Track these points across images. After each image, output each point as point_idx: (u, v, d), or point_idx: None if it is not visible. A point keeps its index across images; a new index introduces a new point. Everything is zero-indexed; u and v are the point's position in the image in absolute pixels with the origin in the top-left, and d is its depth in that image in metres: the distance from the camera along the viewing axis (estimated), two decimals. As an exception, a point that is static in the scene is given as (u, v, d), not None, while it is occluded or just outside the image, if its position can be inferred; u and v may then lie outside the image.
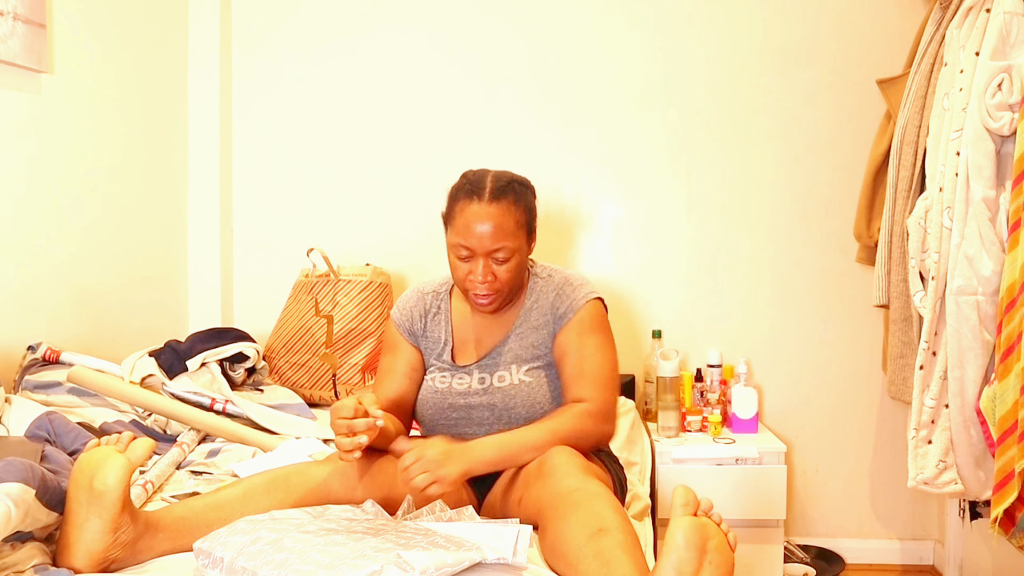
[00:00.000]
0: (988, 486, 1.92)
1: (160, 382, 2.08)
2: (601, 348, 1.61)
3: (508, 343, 1.63)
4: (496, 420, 1.60)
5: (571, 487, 1.32)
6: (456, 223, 1.55)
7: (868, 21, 2.68)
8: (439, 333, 1.68)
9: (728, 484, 2.39)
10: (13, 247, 2.05)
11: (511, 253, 1.55)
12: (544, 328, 1.63)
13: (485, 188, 1.54)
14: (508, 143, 2.79)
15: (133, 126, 2.53)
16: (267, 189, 2.88)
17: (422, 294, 1.73)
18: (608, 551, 1.16)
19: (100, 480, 1.20)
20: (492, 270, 1.55)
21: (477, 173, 1.60)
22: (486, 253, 1.53)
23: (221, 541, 1.16)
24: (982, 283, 1.84)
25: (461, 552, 1.09)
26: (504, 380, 1.61)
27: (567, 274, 1.68)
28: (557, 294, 1.63)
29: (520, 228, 1.56)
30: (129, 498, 1.23)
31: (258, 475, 1.43)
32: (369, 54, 2.82)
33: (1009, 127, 1.82)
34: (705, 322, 2.78)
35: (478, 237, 1.52)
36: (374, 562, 1.04)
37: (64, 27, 2.19)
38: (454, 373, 1.64)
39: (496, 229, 1.52)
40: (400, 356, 1.68)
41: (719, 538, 1.12)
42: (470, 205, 1.54)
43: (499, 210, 1.53)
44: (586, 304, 1.62)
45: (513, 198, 1.56)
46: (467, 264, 1.56)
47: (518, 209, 1.56)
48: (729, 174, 2.76)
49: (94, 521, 1.20)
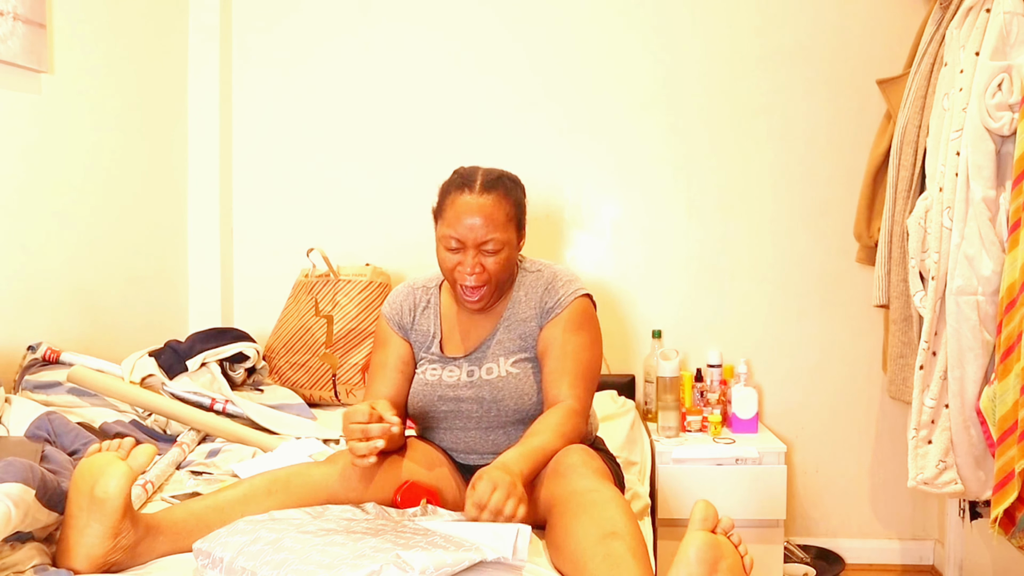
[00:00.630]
0: (988, 486, 1.92)
1: (160, 382, 2.07)
2: (585, 346, 1.61)
3: (496, 335, 1.63)
4: (485, 413, 1.60)
5: (586, 488, 1.31)
6: (446, 215, 1.57)
7: (868, 21, 2.68)
8: (428, 326, 1.68)
9: (728, 484, 2.39)
10: (13, 247, 2.05)
11: (500, 245, 1.56)
12: (532, 321, 1.63)
13: (476, 181, 1.56)
14: (508, 143, 2.79)
15: (133, 126, 2.53)
16: (267, 189, 2.88)
17: (412, 289, 1.73)
18: (618, 555, 1.16)
19: (101, 488, 1.20)
20: (481, 261, 1.55)
21: (468, 168, 1.62)
22: (476, 245, 1.54)
23: (221, 541, 1.16)
24: (982, 283, 1.84)
25: (460, 552, 1.09)
26: (492, 372, 1.61)
27: (556, 269, 1.68)
28: (546, 288, 1.63)
29: (510, 221, 1.57)
30: (130, 504, 1.23)
31: (259, 476, 1.43)
32: (369, 54, 2.82)
33: (1009, 127, 1.82)
34: (705, 322, 2.78)
35: (468, 227, 1.53)
36: (373, 562, 1.04)
37: (64, 27, 2.19)
38: (444, 365, 1.64)
39: (486, 220, 1.53)
40: (391, 351, 1.68)
41: (733, 559, 1.11)
42: (461, 196, 1.55)
43: (489, 202, 1.54)
44: (574, 300, 1.62)
45: (503, 191, 1.57)
46: (456, 256, 1.56)
47: (508, 202, 1.57)
48: (729, 174, 2.76)
49: (94, 527, 1.20)
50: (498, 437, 1.61)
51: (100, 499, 1.19)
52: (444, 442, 1.66)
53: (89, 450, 1.27)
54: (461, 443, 1.64)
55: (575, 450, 1.44)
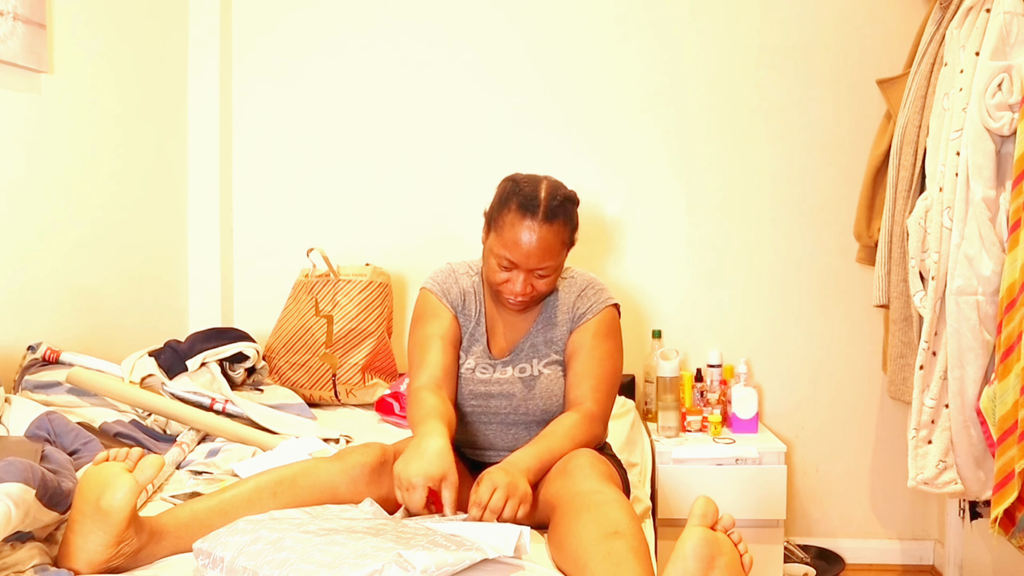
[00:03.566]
0: (988, 486, 1.92)
1: (160, 382, 2.07)
2: (611, 355, 1.63)
3: (530, 338, 1.66)
4: (513, 410, 1.62)
5: (591, 488, 1.32)
6: (504, 234, 1.53)
7: (868, 21, 2.68)
8: (472, 314, 1.68)
9: (728, 484, 2.39)
10: (13, 247, 2.05)
11: (553, 271, 1.57)
12: (564, 325, 1.65)
13: (539, 206, 1.52)
14: (508, 143, 2.79)
15: (133, 126, 2.53)
16: (267, 189, 2.88)
17: (457, 273, 1.71)
18: (619, 553, 1.16)
19: (107, 500, 1.19)
20: (532, 283, 1.56)
21: (531, 182, 1.57)
22: (530, 270, 1.54)
23: (221, 541, 1.16)
24: (982, 283, 1.84)
25: (462, 551, 1.09)
26: (525, 372, 1.63)
27: (589, 277, 1.71)
28: (579, 295, 1.66)
29: (565, 247, 1.58)
30: (136, 515, 1.22)
31: (264, 476, 1.42)
32: (369, 54, 2.82)
33: (1009, 127, 1.82)
34: (705, 322, 2.78)
35: (525, 255, 1.52)
36: (375, 561, 1.04)
37: (64, 27, 2.19)
38: (478, 360, 1.65)
39: (545, 251, 1.52)
40: (441, 323, 1.64)
41: (731, 556, 1.10)
42: (523, 221, 1.51)
43: (551, 232, 1.52)
44: (604, 309, 1.65)
45: (564, 219, 1.55)
46: (507, 274, 1.56)
47: (566, 229, 1.57)
48: (729, 174, 2.75)
49: (98, 535, 1.20)
50: (519, 432, 1.63)
51: (105, 510, 1.19)
52: (461, 436, 1.66)
53: (97, 457, 1.26)
54: (480, 437, 1.65)
55: (583, 453, 1.45)
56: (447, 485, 1.34)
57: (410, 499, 1.32)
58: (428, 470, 1.32)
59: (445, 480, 1.34)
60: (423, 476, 1.32)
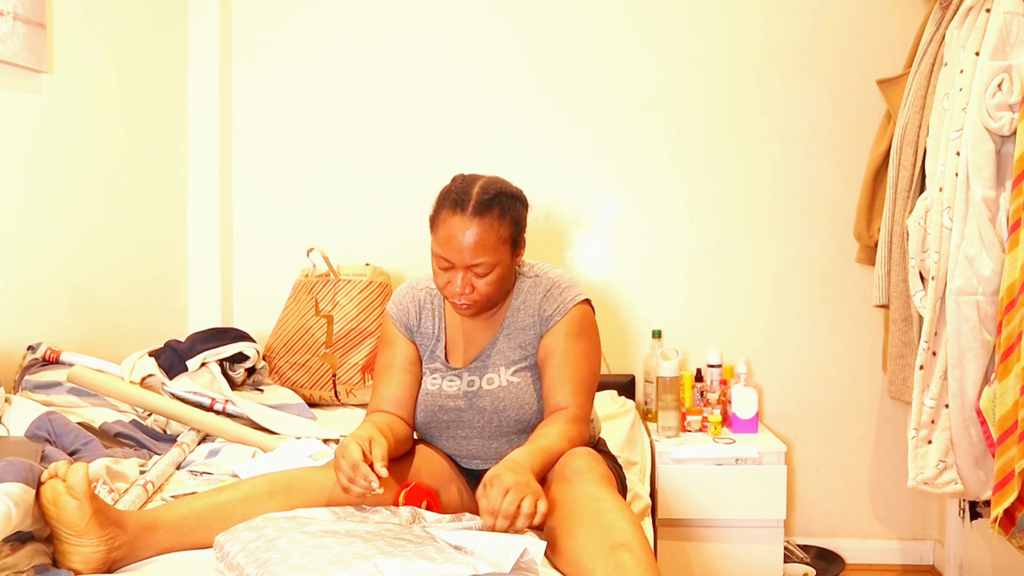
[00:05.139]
0: (988, 486, 1.92)
1: (160, 382, 2.07)
2: (585, 354, 1.58)
3: (496, 344, 1.61)
4: (487, 423, 1.59)
5: (592, 495, 1.31)
6: (438, 233, 1.51)
7: (868, 21, 2.68)
8: (432, 328, 1.66)
9: (728, 484, 2.39)
10: (13, 247, 2.05)
11: (490, 268, 1.50)
12: (531, 328, 1.60)
13: (469, 200, 1.48)
14: (508, 143, 2.79)
15: (133, 126, 2.53)
16: (267, 189, 2.88)
17: (415, 289, 1.70)
18: (628, 568, 1.16)
19: (63, 517, 1.21)
20: (471, 282, 1.51)
21: (466, 180, 1.54)
22: (465, 267, 1.49)
23: (234, 535, 1.19)
24: (982, 283, 1.84)
25: (448, 565, 1.05)
26: (493, 383, 1.59)
27: (555, 274, 1.64)
28: (545, 296, 1.60)
29: (503, 243, 1.51)
30: (106, 514, 1.23)
31: (260, 478, 1.43)
32: (369, 54, 2.82)
33: (1009, 127, 1.82)
34: (705, 322, 2.78)
35: (457, 250, 1.48)
36: (346, 568, 1.03)
37: (64, 27, 2.19)
38: (444, 375, 1.62)
39: (476, 244, 1.47)
40: (398, 351, 1.65)
41: None
42: (452, 217, 1.48)
43: (481, 225, 1.47)
44: (574, 307, 1.58)
45: (498, 212, 1.50)
46: (447, 274, 1.52)
47: (502, 224, 1.50)
48: (729, 174, 2.76)
49: (81, 541, 1.22)
50: (500, 445, 1.60)
51: (68, 523, 1.21)
52: (447, 448, 1.65)
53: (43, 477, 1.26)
54: (464, 450, 1.63)
55: (580, 454, 1.43)
56: (376, 444, 1.38)
57: (346, 466, 1.33)
58: (355, 433, 1.41)
59: (373, 440, 1.38)
60: (349, 437, 1.38)
